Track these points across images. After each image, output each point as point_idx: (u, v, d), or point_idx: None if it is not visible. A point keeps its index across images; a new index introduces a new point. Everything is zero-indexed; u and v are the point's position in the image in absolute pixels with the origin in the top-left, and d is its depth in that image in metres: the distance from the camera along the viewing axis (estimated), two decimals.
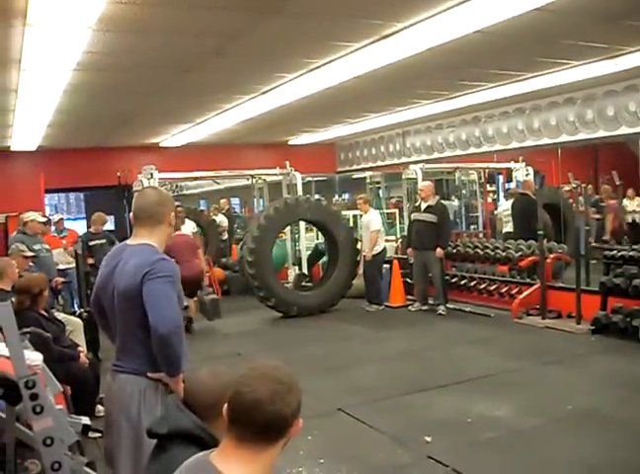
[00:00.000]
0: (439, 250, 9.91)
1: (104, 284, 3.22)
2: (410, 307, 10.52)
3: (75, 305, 9.64)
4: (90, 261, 9.50)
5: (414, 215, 10.44)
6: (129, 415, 3.06)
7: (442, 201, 11.05)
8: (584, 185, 9.81)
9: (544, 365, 7.03)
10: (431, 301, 10.40)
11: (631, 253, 8.34)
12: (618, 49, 7.78)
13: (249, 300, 11.23)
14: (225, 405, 1.76)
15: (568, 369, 6.87)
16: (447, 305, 10.13)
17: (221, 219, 14.54)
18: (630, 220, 13.94)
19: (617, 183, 13.49)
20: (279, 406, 1.71)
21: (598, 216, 14.22)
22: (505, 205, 12.93)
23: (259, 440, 1.73)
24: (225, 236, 14.38)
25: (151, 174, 11.13)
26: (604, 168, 16.14)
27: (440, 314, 9.95)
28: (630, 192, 14.25)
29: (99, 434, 4.72)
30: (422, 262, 10.19)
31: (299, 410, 1.79)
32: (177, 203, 13.79)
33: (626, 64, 8.29)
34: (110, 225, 18.74)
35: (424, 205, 10.14)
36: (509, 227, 12.19)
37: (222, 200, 15.08)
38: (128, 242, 3.27)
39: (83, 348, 6.14)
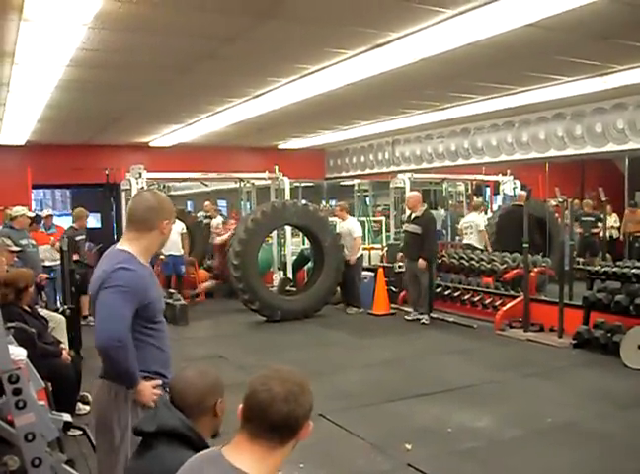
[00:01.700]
0: (420, 261, 9.93)
1: (91, 289, 3.13)
2: (406, 316, 10.47)
3: (58, 303, 9.59)
4: (75, 256, 9.49)
5: (404, 226, 10.66)
6: (104, 420, 3.03)
7: (430, 211, 11.12)
8: (570, 199, 9.89)
9: (525, 378, 7.08)
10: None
11: (614, 269, 8.41)
12: (608, 67, 7.88)
13: (233, 303, 11.21)
14: (240, 405, 1.84)
15: (549, 382, 6.91)
16: (431, 315, 10.16)
17: (219, 222, 14.38)
18: (608, 236, 14.04)
19: (603, 199, 13.63)
20: (292, 406, 1.80)
21: (579, 231, 14.25)
22: (466, 219, 13.06)
23: (271, 438, 1.81)
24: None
25: (139, 173, 11.05)
26: (591, 183, 16.33)
27: (422, 323, 9.98)
28: (608, 208, 14.31)
29: (79, 432, 4.72)
30: (412, 271, 10.25)
31: (310, 412, 1.88)
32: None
33: (615, 82, 8.40)
34: (96, 223, 18.63)
35: (412, 216, 10.23)
36: (467, 239, 12.59)
37: (206, 204, 14.86)
38: (116, 245, 3.15)
39: (65, 345, 6.12)
